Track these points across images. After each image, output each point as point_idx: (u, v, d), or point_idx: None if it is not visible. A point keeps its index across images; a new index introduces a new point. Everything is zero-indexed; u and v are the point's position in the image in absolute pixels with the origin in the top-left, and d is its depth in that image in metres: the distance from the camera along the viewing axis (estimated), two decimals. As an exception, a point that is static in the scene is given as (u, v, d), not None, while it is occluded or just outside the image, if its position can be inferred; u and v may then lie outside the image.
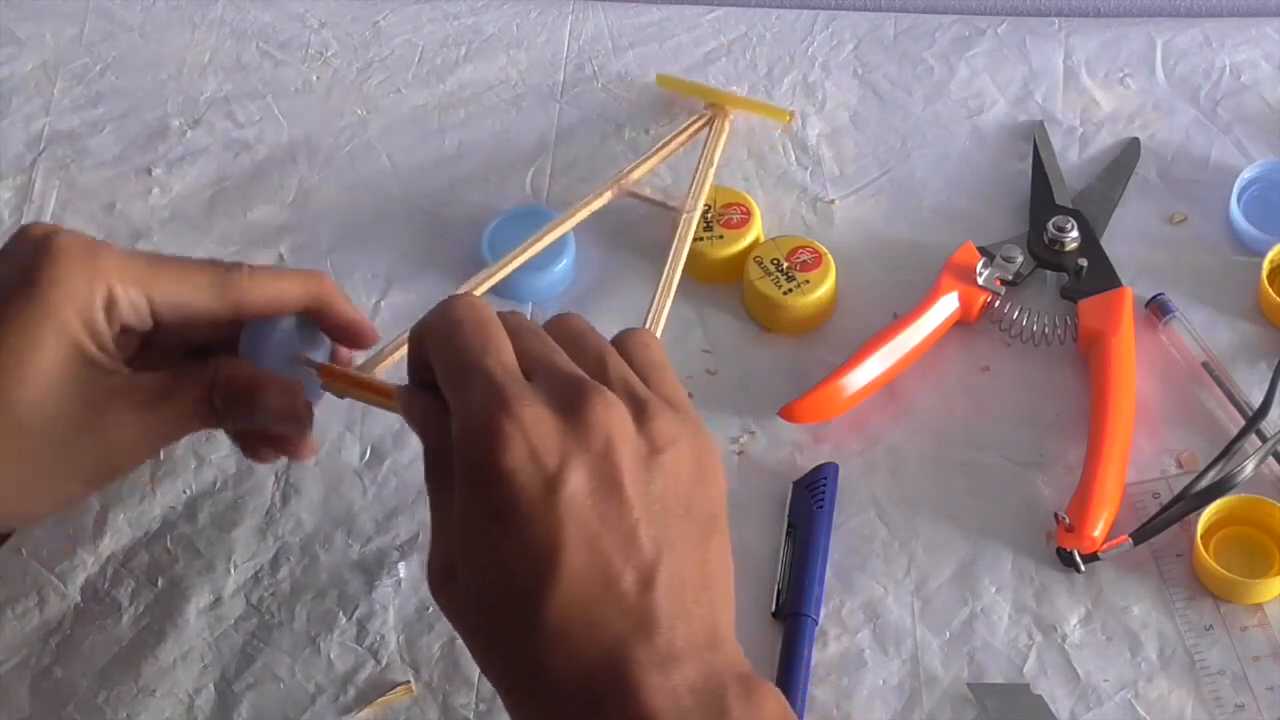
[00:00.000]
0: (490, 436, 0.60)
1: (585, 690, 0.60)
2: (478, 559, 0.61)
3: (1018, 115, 0.97)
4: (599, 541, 0.60)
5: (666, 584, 0.61)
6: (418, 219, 0.95)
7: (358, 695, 0.78)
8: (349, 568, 0.82)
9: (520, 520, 0.60)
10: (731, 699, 0.60)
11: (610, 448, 0.61)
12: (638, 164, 0.93)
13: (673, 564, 0.61)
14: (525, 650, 0.60)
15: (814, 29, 1.02)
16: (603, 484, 0.61)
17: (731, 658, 0.62)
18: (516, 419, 0.60)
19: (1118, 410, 0.83)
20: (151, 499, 0.84)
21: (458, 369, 0.63)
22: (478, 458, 0.60)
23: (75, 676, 0.79)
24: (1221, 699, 0.77)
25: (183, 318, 0.73)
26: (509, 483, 0.60)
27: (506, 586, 0.60)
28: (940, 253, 0.89)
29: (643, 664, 0.60)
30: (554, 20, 1.03)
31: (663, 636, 0.60)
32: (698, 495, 0.63)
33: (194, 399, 0.72)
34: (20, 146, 0.98)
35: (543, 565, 0.60)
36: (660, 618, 0.60)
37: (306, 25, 1.03)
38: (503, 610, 0.61)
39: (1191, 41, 0.99)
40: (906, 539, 0.82)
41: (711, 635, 0.62)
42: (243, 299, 0.74)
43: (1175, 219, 0.93)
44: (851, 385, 0.85)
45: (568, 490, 0.60)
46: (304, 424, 0.75)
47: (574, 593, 0.60)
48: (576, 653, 0.60)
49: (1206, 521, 0.80)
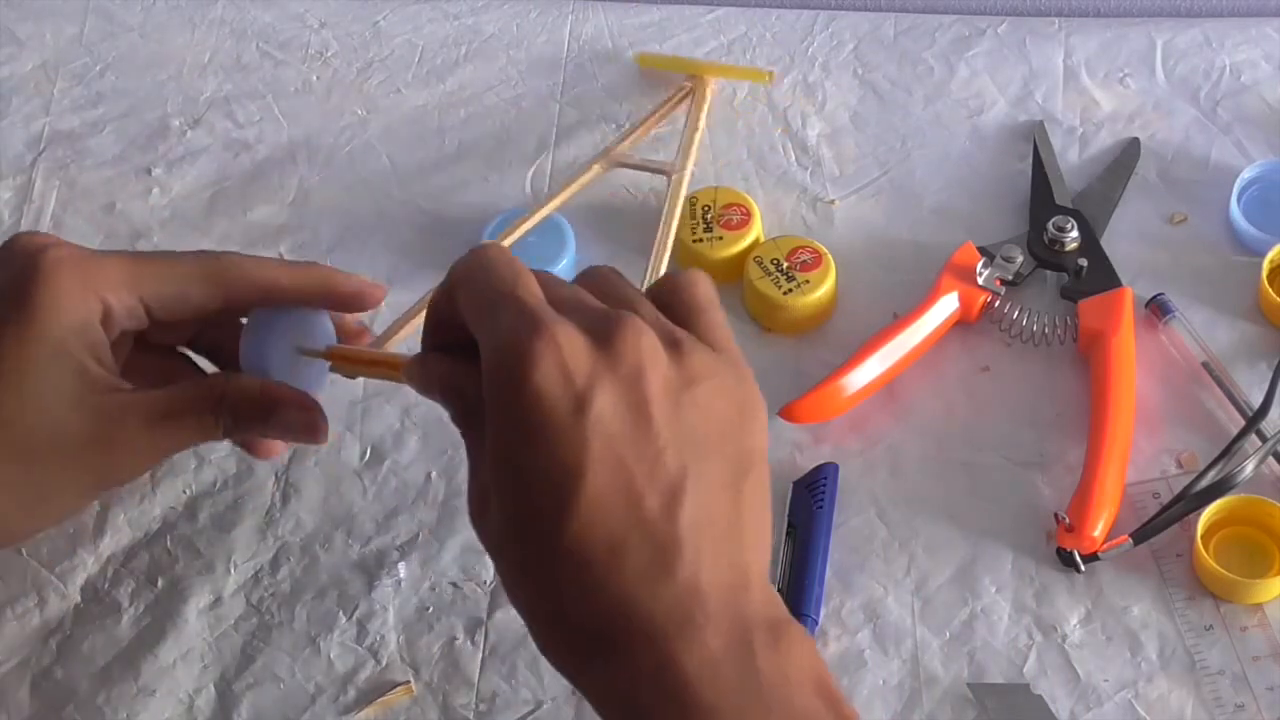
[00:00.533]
0: (521, 357, 0.59)
1: (607, 626, 0.59)
2: (507, 483, 0.61)
3: (1018, 115, 0.97)
4: (623, 463, 0.60)
5: (692, 515, 0.60)
6: (418, 219, 0.95)
7: (358, 695, 0.78)
8: (349, 568, 0.82)
9: (547, 439, 0.59)
10: (759, 646, 0.59)
11: (640, 373, 0.61)
12: (623, 137, 0.93)
13: (700, 497, 0.61)
14: (549, 574, 0.60)
15: (814, 29, 1.02)
16: (630, 408, 0.60)
17: (760, 601, 0.61)
18: (548, 339, 0.60)
19: (1118, 410, 0.83)
20: (151, 499, 0.84)
21: (488, 302, 0.62)
22: (507, 378, 0.60)
23: (75, 676, 0.79)
24: (1221, 699, 0.77)
25: (176, 312, 0.73)
26: (538, 401, 0.59)
27: (532, 508, 0.60)
28: (940, 253, 0.89)
29: (665, 601, 0.59)
30: (554, 20, 1.03)
31: (686, 569, 0.59)
32: (732, 434, 0.62)
33: (199, 416, 0.72)
34: (20, 146, 0.98)
35: (566, 484, 0.59)
36: (684, 548, 0.60)
37: (306, 25, 1.03)
38: (530, 533, 0.60)
39: (1191, 41, 0.99)
40: (906, 539, 0.82)
41: (740, 575, 0.61)
42: (232, 286, 0.73)
43: (1175, 219, 0.93)
44: (851, 385, 0.85)
45: (594, 410, 0.59)
46: (321, 434, 0.74)
47: (596, 513, 0.59)
48: (598, 579, 0.59)
49: (1206, 521, 0.80)
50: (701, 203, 0.91)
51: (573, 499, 0.59)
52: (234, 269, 0.73)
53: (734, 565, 0.61)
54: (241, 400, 0.72)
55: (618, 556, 0.59)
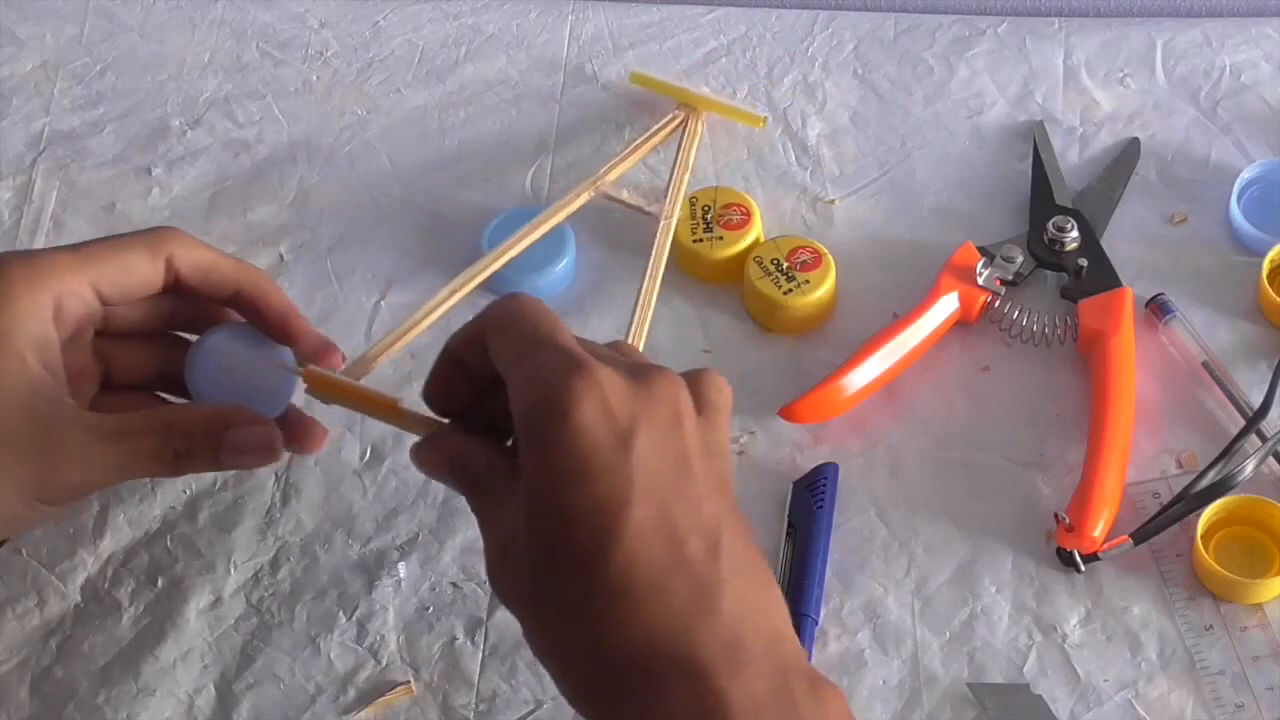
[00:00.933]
0: (564, 393, 0.60)
1: (647, 663, 0.59)
2: (546, 523, 0.61)
3: (1018, 115, 0.97)
4: (666, 503, 0.60)
5: (730, 562, 0.61)
6: (418, 219, 0.95)
7: (358, 695, 0.78)
8: (349, 568, 0.82)
9: (591, 473, 0.60)
10: (799, 695, 0.60)
11: (678, 421, 0.62)
12: (612, 165, 0.93)
13: (734, 547, 0.61)
14: (586, 611, 0.60)
15: (814, 29, 1.02)
16: (671, 452, 0.61)
17: (794, 653, 0.62)
18: (591, 377, 0.60)
19: (1118, 410, 0.83)
20: (151, 499, 0.84)
21: (528, 345, 0.63)
22: (549, 415, 0.60)
23: (75, 676, 0.79)
24: (1221, 699, 0.77)
25: (125, 289, 0.73)
26: (582, 436, 0.60)
27: (574, 544, 0.60)
28: (940, 253, 0.89)
29: (710, 639, 0.59)
30: (554, 20, 1.03)
31: (729, 611, 0.60)
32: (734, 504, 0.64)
33: (147, 440, 0.71)
34: (20, 146, 0.98)
35: (611, 518, 0.59)
36: (726, 591, 0.60)
37: (306, 25, 1.03)
38: (571, 571, 0.60)
39: (1191, 41, 0.99)
40: (906, 539, 0.82)
41: (773, 626, 0.61)
42: (176, 259, 0.73)
43: (1175, 219, 0.93)
44: (851, 385, 0.85)
45: (637, 448, 0.60)
46: (278, 456, 0.73)
47: (640, 548, 0.59)
48: (641, 614, 0.59)
49: (1206, 521, 0.80)
50: (701, 203, 0.91)
51: (618, 533, 0.59)
52: (176, 241, 0.74)
53: (768, 613, 0.62)
54: (191, 423, 0.72)
55: (661, 593, 0.59)
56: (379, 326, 0.90)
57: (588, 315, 0.90)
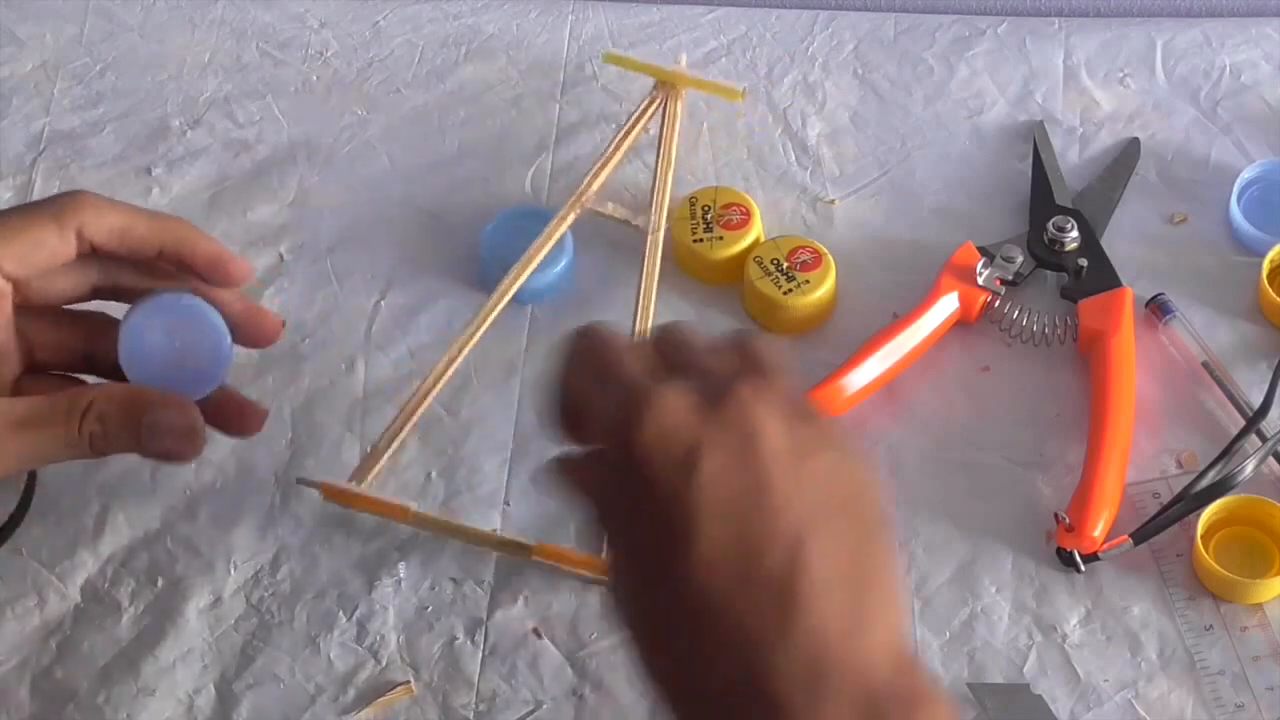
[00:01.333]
0: (626, 424, 0.60)
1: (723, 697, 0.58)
2: (629, 553, 0.61)
3: (1018, 115, 0.97)
4: (739, 521, 0.59)
5: (816, 576, 0.58)
6: (418, 219, 0.94)
7: (358, 695, 0.78)
8: (349, 568, 0.82)
9: (654, 499, 0.59)
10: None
11: (753, 438, 0.60)
12: (597, 170, 0.92)
13: (823, 559, 0.59)
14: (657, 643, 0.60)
15: (814, 29, 1.02)
16: (745, 470, 0.60)
17: (893, 670, 0.59)
18: (648, 405, 0.60)
19: (1118, 410, 0.83)
20: (151, 499, 0.84)
21: (597, 381, 0.63)
22: (618, 445, 0.60)
23: (75, 676, 0.79)
24: (1221, 699, 0.77)
25: (34, 263, 0.71)
26: (644, 463, 0.59)
27: (650, 567, 0.60)
28: (940, 253, 0.89)
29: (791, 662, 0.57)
30: (554, 20, 1.03)
31: (806, 638, 0.58)
32: (853, 501, 0.61)
33: (62, 424, 0.69)
34: (20, 146, 0.98)
35: (677, 543, 0.59)
36: (803, 615, 0.58)
37: (306, 25, 1.03)
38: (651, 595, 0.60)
39: (1191, 41, 0.99)
40: (906, 539, 0.82)
41: (871, 641, 0.59)
42: (86, 226, 0.71)
43: (1175, 219, 0.93)
44: (851, 385, 0.85)
45: (703, 470, 0.59)
46: (200, 441, 0.71)
47: (712, 570, 0.58)
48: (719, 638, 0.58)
49: (1206, 521, 0.80)
50: (701, 203, 0.91)
51: (686, 556, 0.59)
52: (86, 207, 0.71)
53: (864, 631, 0.59)
54: (109, 405, 0.70)
55: (737, 613, 0.58)
56: (379, 326, 0.90)
57: (587, 316, 0.89)
